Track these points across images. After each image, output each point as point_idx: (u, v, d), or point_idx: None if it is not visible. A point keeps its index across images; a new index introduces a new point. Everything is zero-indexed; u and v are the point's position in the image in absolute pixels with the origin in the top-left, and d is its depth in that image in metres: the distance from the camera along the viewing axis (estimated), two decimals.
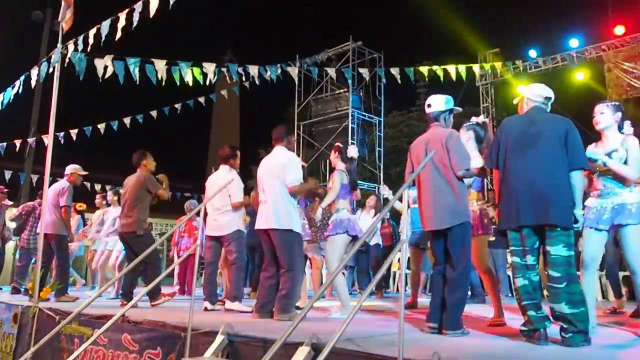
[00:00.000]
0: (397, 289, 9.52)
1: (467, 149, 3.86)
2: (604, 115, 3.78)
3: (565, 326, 2.94)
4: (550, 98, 3.41)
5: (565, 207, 3.07)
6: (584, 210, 3.50)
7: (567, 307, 2.92)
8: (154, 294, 5.59)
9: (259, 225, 4.58)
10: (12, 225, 8.29)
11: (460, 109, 3.96)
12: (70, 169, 6.58)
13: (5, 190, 8.36)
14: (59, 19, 5.77)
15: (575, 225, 3.14)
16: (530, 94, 3.42)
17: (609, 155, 3.71)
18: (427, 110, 3.85)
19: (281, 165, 4.54)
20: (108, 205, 8.15)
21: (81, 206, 8.59)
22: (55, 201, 6.27)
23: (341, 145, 5.18)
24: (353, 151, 5.10)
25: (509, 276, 8.25)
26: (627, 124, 3.91)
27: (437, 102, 3.82)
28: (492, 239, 7.39)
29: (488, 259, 4.62)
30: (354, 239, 4.78)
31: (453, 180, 3.57)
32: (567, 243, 3.03)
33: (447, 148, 3.58)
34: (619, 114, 3.80)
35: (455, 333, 3.35)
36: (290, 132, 4.92)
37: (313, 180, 5.13)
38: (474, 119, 4.53)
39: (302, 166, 5.28)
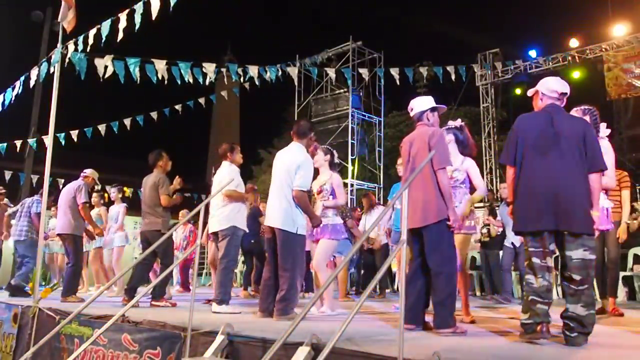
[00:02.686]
0: (398, 289, 9.53)
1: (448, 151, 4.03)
2: None
3: (572, 325, 2.96)
4: (566, 93, 3.31)
5: (588, 213, 3.05)
6: None
7: (582, 310, 2.95)
8: (157, 294, 5.61)
9: (268, 222, 4.55)
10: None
11: (444, 107, 4.03)
12: (91, 172, 6.76)
13: (3, 190, 8.36)
14: (59, 19, 5.77)
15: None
16: (544, 88, 3.32)
17: None
18: (412, 113, 3.98)
19: (295, 165, 4.46)
20: (104, 204, 8.16)
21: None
22: (70, 201, 6.32)
23: (331, 148, 5.24)
24: (336, 157, 5.23)
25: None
26: (603, 127, 3.95)
27: (418, 104, 3.94)
28: (486, 239, 7.43)
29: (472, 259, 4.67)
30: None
31: (432, 178, 3.60)
32: (589, 247, 3.02)
33: (430, 145, 3.64)
34: (587, 118, 3.82)
35: (445, 332, 3.36)
36: (313, 129, 4.79)
37: None
38: (451, 123, 4.60)
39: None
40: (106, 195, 8.51)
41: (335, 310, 4.90)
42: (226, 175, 5.24)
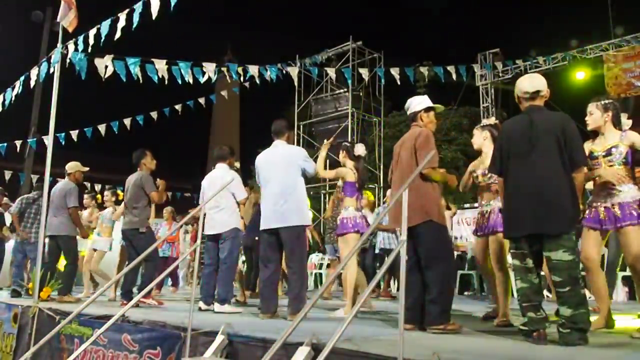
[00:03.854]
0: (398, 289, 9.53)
1: (485, 149, 4.25)
2: (593, 116, 3.76)
3: (565, 322, 2.95)
4: (539, 91, 3.23)
5: (566, 214, 3.01)
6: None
7: (568, 310, 2.93)
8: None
9: (271, 223, 4.44)
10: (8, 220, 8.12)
11: (442, 107, 4.04)
12: (72, 167, 6.54)
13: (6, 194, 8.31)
14: (59, 19, 5.77)
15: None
16: (517, 91, 3.31)
17: (608, 152, 3.68)
18: (408, 112, 3.97)
19: (297, 157, 4.51)
20: (99, 205, 8.12)
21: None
22: (62, 202, 6.24)
23: (347, 144, 5.23)
24: (360, 149, 5.18)
25: None
26: (624, 117, 3.82)
27: (413, 104, 3.93)
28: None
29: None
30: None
31: (417, 179, 3.58)
32: (568, 248, 2.99)
33: (415, 147, 3.66)
34: (610, 113, 3.73)
35: (436, 329, 3.38)
36: (289, 127, 4.90)
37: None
38: (485, 121, 4.59)
39: (237, 169, 5.40)
40: (99, 196, 8.46)
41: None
42: (221, 178, 5.24)
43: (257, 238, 7.39)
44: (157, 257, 6.12)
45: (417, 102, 3.91)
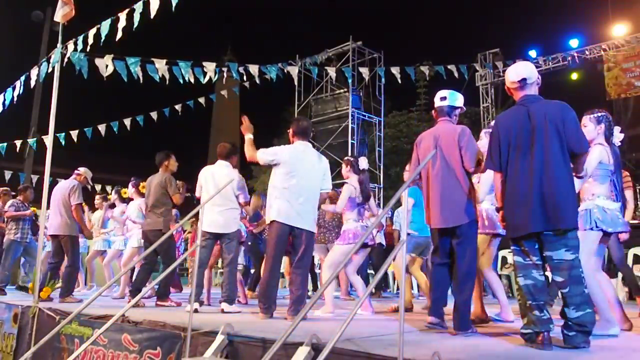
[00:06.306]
0: (398, 289, 9.52)
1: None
2: (587, 129, 3.72)
3: (570, 324, 2.87)
4: (525, 79, 3.11)
5: (571, 209, 2.93)
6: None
7: (573, 312, 2.85)
8: (162, 295, 5.66)
9: (298, 223, 4.38)
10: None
11: (464, 108, 4.00)
12: (84, 171, 6.59)
13: (13, 193, 8.33)
14: (55, 17, 5.77)
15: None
16: (507, 83, 3.21)
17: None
18: (441, 103, 3.80)
19: (323, 169, 4.60)
20: (111, 206, 8.13)
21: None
22: (65, 201, 6.20)
23: (352, 159, 5.33)
24: (364, 163, 5.28)
25: (508, 276, 8.24)
26: (617, 130, 3.87)
27: (453, 98, 3.80)
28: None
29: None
30: (365, 246, 5.09)
31: (463, 178, 3.57)
32: (570, 246, 2.90)
33: (460, 145, 3.57)
34: (602, 126, 3.76)
35: (466, 333, 3.40)
36: (313, 129, 4.95)
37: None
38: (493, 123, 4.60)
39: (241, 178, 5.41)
40: (110, 197, 8.49)
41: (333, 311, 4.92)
42: (224, 176, 5.22)
43: (249, 243, 7.40)
44: (174, 259, 6.09)
45: (456, 98, 3.82)
